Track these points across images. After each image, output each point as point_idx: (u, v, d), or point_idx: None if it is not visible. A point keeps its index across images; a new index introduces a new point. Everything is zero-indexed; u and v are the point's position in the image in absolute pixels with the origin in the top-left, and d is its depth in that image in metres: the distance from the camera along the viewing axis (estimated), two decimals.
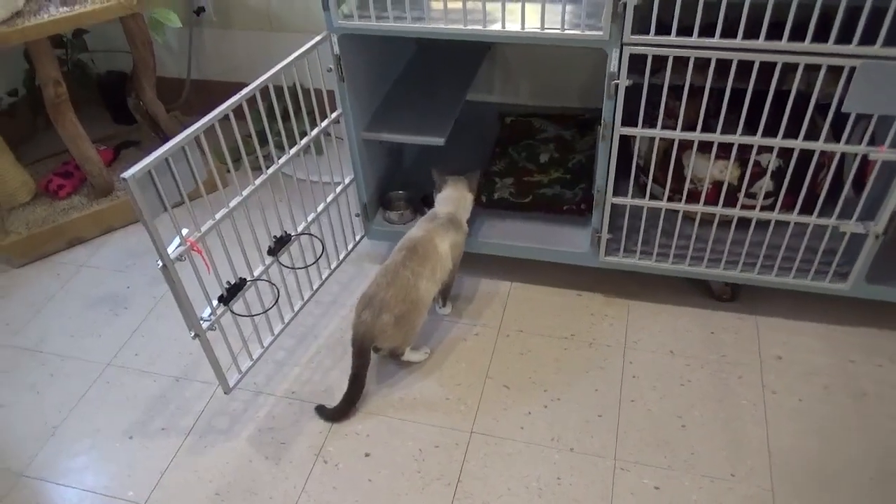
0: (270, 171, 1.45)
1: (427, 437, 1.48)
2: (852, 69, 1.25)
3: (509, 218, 1.82)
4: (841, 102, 1.29)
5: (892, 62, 1.22)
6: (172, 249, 1.22)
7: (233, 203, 1.36)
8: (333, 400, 1.54)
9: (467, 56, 1.98)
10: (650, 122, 1.44)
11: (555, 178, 1.92)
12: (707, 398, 1.53)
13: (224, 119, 1.32)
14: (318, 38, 1.48)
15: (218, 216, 1.33)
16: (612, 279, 1.80)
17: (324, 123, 1.57)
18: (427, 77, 1.92)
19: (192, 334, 1.32)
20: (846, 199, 1.46)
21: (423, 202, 1.84)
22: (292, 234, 1.55)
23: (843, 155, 1.39)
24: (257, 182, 1.42)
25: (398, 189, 1.89)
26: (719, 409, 1.50)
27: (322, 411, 1.52)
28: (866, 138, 1.35)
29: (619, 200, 1.56)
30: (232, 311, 1.39)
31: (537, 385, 1.58)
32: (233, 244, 1.40)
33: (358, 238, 1.86)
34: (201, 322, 1.33)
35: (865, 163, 1.42)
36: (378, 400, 1.57)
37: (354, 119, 1.62)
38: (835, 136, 1.39)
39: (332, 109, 1.61)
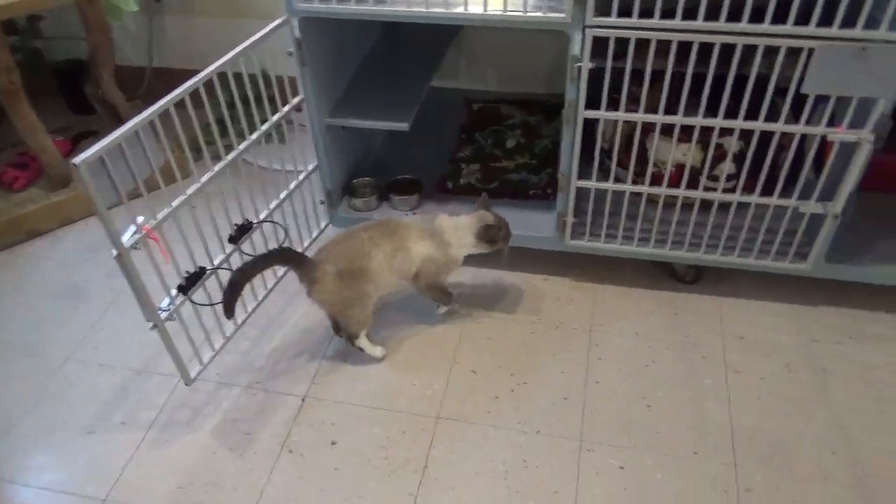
0: (230, 157, 1.42)
1: (394, 423, 1.48)
2: (811, 51, 1.26)
3: (475, 204, 1.81)
4: (800, 85, 1.31)
5: (848, 44, 1.24)
6: (127, 238, 1.19)
7: (190, 190, 1.33)
8: (297, 390, 1.52)
9: (434, 41, 1.96)
10: (614, 105, 1.44)
11: (521, 164, 1.92)
12: (671, 379, 1.54)
13: (182, 107, 1.29)
14: (277, 22, 1.45)
15: (175, 203, 1.30)
16: (578, 263, 1.80)
17: (285, 109, 1.54)
18: (392, 62, 1.90)
19: (151, 325, 1.29)
20: (806, 181, 1.48)
21: (388, 189, 1.83)
22: (254, 222, 1.52)
23: (803, 137, 1.41)
24: (216, 168, 1.39)
25: (364, 176, 1.87)
26: (683, 389, 1.52)
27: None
28: (825, 120, 1.36)
29: (583, 184, 1.56)
30: (192, 301, 1.37)
31: (504, 369, 1.58)
32: (192, 233, 1.37)
33: (323, 226, 1.83)
34: (159, 312, 1.30)
35: (824, 144, 1.44)
36: (344, 388, 1.55)
37: (317, 105, 1.60)
38: (795, 118, 1.40)
39: (295, 96, 1.58)
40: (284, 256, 1.49)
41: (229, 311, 1.40)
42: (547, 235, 1.69)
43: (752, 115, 1.38)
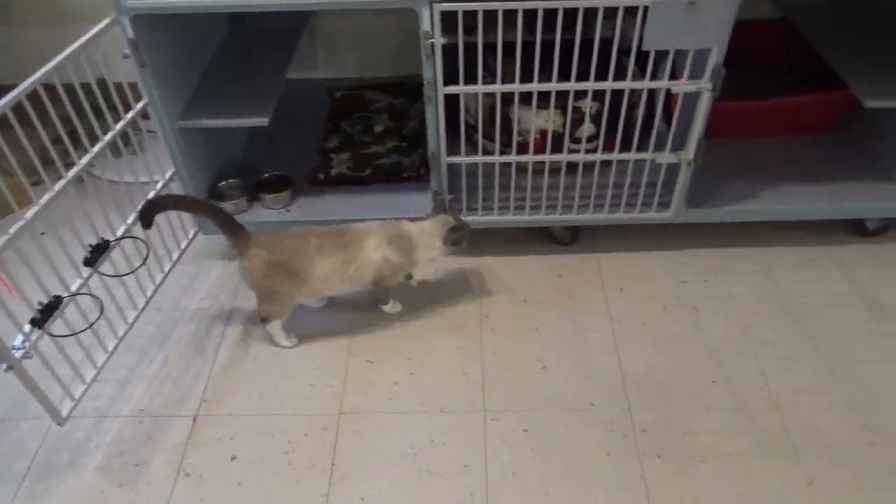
0: (70, 174, 1.30)
1: (295, 427, 1.43)
2: (646, 9, 1.33)
3: (350, 193, 1.79)
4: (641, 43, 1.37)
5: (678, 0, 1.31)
6: None
7: (28, 215, 1.21)
8: (186, 410, 1.45)
9: (284, 31, 1.89)
10: (474, 79, 1.45)
11: (391, 148, 1.91)
12: (561, 338, 1.59)
13: (7, 127, 1.16)
14: (103, 24, 1.34)
15: (12, 230, 1.18)
16: None
17: (129, 115, 1.44)
18: (244, 56, 1.82)
19: (4, 366, 1.17)
20: (660, 134, 1.56)
21: (257, 188, 1.76)
22: (111, 240, 1.41)
23: (652, 92, 1.48)
24: (56, 188, 1.27)
25: (230, 178, 1.78)
26: (573, 346, 1.58)
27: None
28: (667, 73, 1.44)
29: (453, 160, 1.57)
30: (49, 334, 1.25)
31: (401, 354, 1.57)
32: (42, 262, 1.25)
33: (191, 235, 1.74)
34: (13, 351, 1.18)
35: (671, 97, 1.53)
36: (238, 400, 1.49)
37: (165, 107, 1.50)
38: (644, 75, 1.47)
39: (139, 101, 1.48)
40: (220, 216, 1.45)
41: (146, 223, 1.41)
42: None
43: (603, 76, 1.44)
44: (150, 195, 1.57)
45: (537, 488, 1.31)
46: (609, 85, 1.44)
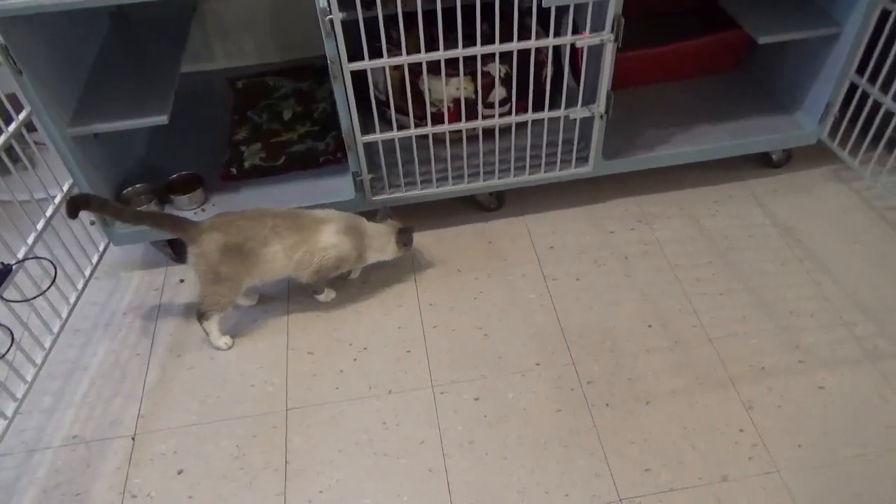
0: None
1: (241, 430, 1.39)
2: None
3: (267, 184, 1.72)
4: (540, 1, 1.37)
5: None
6: None
7: None
8: (123, 430, 1.38)
9: (171, 21, 1.79)
10: (379, 54, 1.41)
11: (304, 133, 1.85)
12: (499, 303, 1.60)
13: None
14: None
15: None
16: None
17: (10, 128, 1.33)
18: (131, 53, 1.71)
19: None
20: (570, 90, 1.57)
21: (167, 190, 1.67)
22: (12, 263, 1.31)
23: (559, 49, 1.48)
24: None
25: (136, 183, 1.68)
26: (512, 310, 1.58)
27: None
28: (569, 28, 1.45)
29: (368, 138, 1.53)
30: None
31: (342, 341, 1.54)
32: None
33: (102, 248, 1.64)
34: None
35: (577, 53, 1.54)
36: (177, 412, 1.42)
37: (51, 115, 1.39)
38: (548, 34, 1.47)
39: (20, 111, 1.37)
40: (154, 218, 1.47)
41: (72, 214, 1.39)
42: (348, 198, 1.65)
43: (508, 38, 1.43)
44: (49, 212, 1.46)
45: (494, 453, 1.32)
46: (514, 46, 1.43)
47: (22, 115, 1.36)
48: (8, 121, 1.35)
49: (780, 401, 1.38)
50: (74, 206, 1.39)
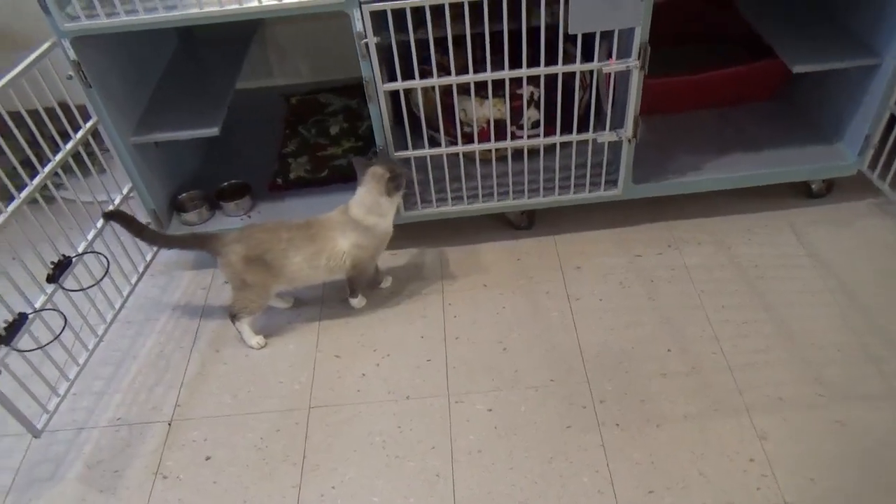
0: (23, 195, 1.34)
1: (266, 424, 1.48)
2: None
3: (310, 195, 1.83)
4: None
5: None
6: None
7: None
8: (162, 416, 1.49)
9: (233, 41, 1.93)
10: (420, 75, 1.49)
11: (348, 148, 1.95)
12: (521, 319, 1.64)
13: None
14: (43, 48, 1.38)
15: None
16: (420, 231, 1.86)
17: (78, 135, 1.48)
18: (194, 69, 1.86)
19: None
20: (604, 114, 1.61)
21: (218, 197, 1.80)
22: (73, 256, 1.46)
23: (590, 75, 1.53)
24: (9, 209, 1.31)
25: (191, 189, 1.83)
26: (533, 326, 1.62)
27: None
28: (597, 55, 1.49)
29: (402, 154, 1.62)
30: (17, 350, 1.30)
31: (367, 347, 1.62)
32: (2, 283, 1.30)
33: (155, 248, 1.78)
34: None
35: (607, 77, 1.57)
36: (211, 403, 1.53)
37: (116, 125, 1.54)
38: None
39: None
40: (181, 240, 1.60)
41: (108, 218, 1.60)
42: None
43: (539, 63, 1.48)
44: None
45: (501, 463, 1.36)
46: (542, 70, 1.49)
47: (89, 124, 1.52)
48: (76, 129, 1.51)
49: (796, 433, 1.36)
50: (109, 217, 1.58)
